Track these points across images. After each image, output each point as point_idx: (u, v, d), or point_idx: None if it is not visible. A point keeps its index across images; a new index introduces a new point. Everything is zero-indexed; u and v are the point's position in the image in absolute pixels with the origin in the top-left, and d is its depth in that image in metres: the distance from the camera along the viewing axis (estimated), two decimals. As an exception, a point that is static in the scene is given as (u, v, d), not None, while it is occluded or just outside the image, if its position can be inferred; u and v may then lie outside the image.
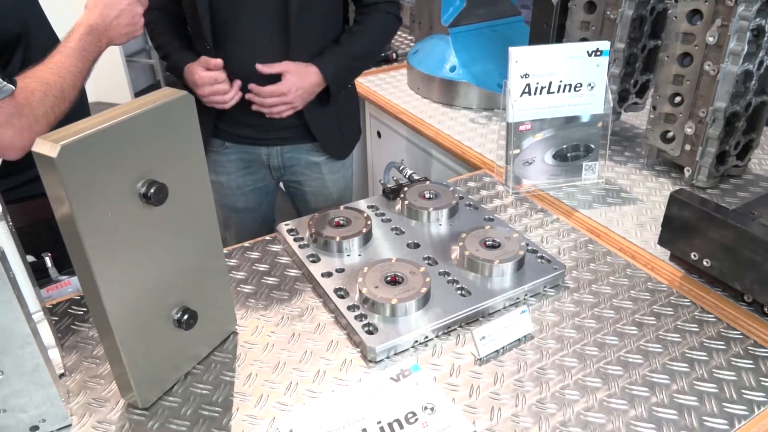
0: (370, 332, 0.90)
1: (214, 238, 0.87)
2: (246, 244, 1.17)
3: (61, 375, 0.87)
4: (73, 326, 0.97)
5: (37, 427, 0.78)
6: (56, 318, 0.98)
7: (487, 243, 1.06)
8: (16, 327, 0.70)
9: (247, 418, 0.81)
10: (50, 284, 1.04)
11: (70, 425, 0.80)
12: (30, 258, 1.05)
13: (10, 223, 0.81)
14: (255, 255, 1.14)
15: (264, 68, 1.33)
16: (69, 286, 1.05)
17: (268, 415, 0.81)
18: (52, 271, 1.03)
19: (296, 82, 1.34)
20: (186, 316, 0.82)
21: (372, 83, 2.03)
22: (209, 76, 1.31)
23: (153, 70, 4.83)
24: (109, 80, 4.41)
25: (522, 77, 1.27)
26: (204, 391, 0.85)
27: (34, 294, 0.84)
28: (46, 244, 1.03)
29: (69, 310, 1.00)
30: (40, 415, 0.78)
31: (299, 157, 1.53)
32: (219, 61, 1.31)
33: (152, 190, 0.72)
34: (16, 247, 0.82)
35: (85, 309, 1.00)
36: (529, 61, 1.26)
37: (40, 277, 1.00)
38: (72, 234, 0.67)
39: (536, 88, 1.28)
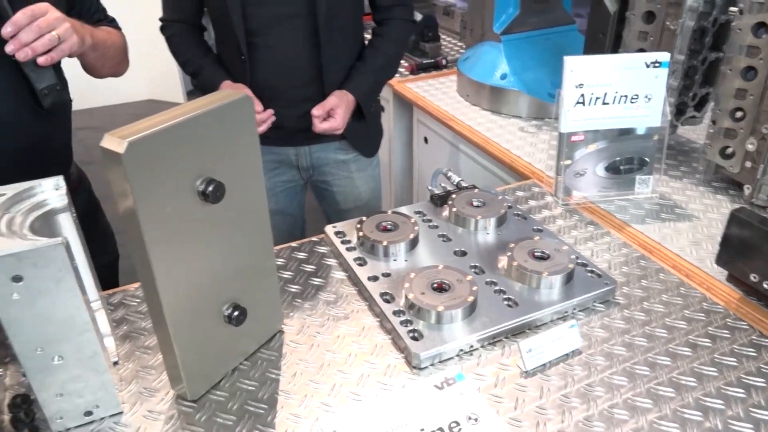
0: (415, 338, 0.90)
1: (266, 237, 0.88)
2: (293, 244, 1.18)
3: (115, 363, 0.90)
4: (127, 317, 1.00)
5: (90, 413, 0.81)
6: (111, 308, 1.01)
7: (536, 254, 1.05)
8: (77, 315, 0.72)
9: (291, 416, 0.82)
10: None
11: (121, 413, 0.83)
12: None
13: (74, 214, 0.84)
14: (302, 255, 1.15)
15: (317, 111, 1.39)
16: None
17: (311, 415, 0.82)
18: None
19: (344, 114, 1.42)
20: (236, 313, 0.84)
21: (421, 89, 2.03)
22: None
23: (205, 69, 4.94)
24: (163, 79, 4.55)
25: (576, 87, 1.25)
26: (250, 388, 0.86)
27: (93, 283, 0.87)
28: None
29: (123, 301, 1.03)
30: (95, 401, 0.80)
31: (327, 156, 1.56)
32: (268, 112, 1.41)
33: (210, 188, 0.73)
34: (79, 238, 0.85)
35: (138, 300, 1.03)
36: (584, 70, 1.24)
37: None
38: (133, 227, 0.69)
39: (591, 99, 1.26)
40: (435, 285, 0.98)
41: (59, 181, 0.82)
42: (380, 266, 1.07)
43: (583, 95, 1.25)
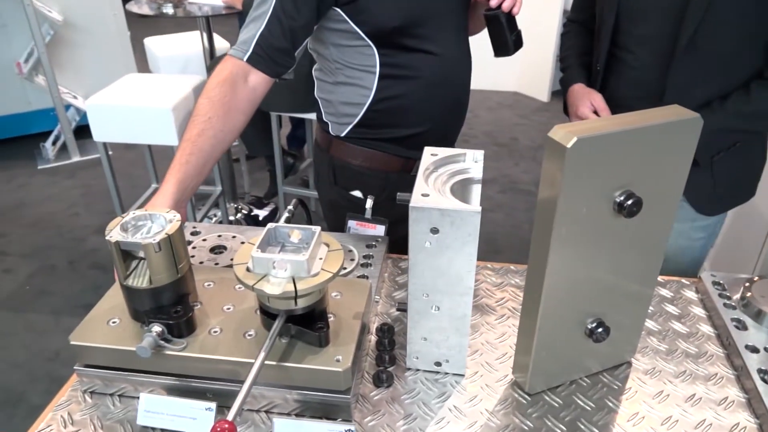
0: (795, 439, 0.75)
1: (656, 265, 0.83)
2: (660, 279, 1.09)
3: (466, 329, 0.97)
4: (480, 291, 1.06)
5: (439, 364, 0.89)
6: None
7: None
8: (465, 278, 0.79)
9: (624, 456, 0.77)
10: (361, 221, 1.19)
11: (463, 375, 0.89)
12: (357, 193, 1.31)
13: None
14: (666, 293, 1.06)
15: None
16: (372, 230, 1.20)
17: (649, 466, 0.75)
18: (368, 212, 1.20)
19: None
20: (600, 330, 0.81)
21: None
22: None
23: (574, 73, 4.92)
24: (531, 75, 4.69)
25: None
26: (586, 407, 0.83)
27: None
28: (374, 189, 1.26)
29: (481, 277, 1.10)
30: (447, 356, 0.88)
31: None
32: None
33: (629, 202, 0.71)
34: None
35: (494, 277, 1.09)
36: None
37: (356, 210, 1.22)
38: (547, 214, 0.71)
39: None
40: (841, 389, 0.79)
41: (478, 155, 0.89)
42: (764, 338, 0.91)
43: None
